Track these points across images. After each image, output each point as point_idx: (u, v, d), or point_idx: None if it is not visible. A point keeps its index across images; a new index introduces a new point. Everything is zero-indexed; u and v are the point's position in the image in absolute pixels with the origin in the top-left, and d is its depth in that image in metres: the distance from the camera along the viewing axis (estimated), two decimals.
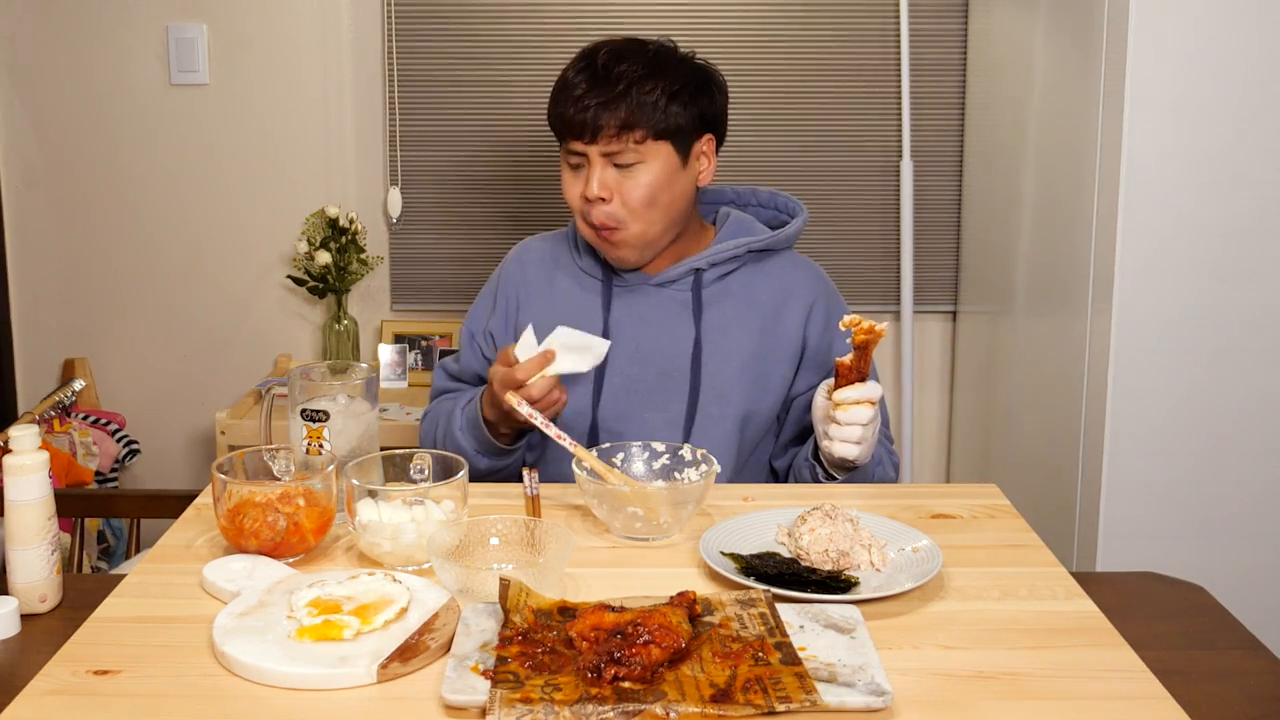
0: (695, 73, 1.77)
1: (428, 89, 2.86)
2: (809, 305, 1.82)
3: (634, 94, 1.70)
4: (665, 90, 1.71)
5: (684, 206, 1.78)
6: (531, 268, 1.88)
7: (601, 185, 1.72)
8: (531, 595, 1.17)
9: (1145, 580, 1.49)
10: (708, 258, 1.80)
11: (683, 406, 1.78)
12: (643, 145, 1.71)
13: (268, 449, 1.45)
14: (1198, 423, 2.09)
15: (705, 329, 1.79)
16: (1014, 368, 2.58)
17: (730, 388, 1.78)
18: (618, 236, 1.75)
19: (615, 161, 1.72)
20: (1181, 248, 2.05)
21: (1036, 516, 1.72)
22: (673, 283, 1.81)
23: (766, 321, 1.80)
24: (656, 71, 1.72)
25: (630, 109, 1.69)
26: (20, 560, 1.32)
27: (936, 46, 2.86)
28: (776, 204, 1.91)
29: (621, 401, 1.78)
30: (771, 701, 1.03)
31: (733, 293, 1.81)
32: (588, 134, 1.71)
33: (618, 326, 1.80)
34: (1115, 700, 1.08)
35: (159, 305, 2.97)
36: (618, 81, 1.70)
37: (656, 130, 1.71)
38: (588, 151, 1.73)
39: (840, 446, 1.57)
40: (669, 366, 1.79)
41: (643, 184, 1.72)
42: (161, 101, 2.88)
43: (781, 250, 1.86)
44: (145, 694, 1.08)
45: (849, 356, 1.54)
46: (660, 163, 1.73)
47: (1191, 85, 2.01)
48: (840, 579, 1.30)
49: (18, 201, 2.92)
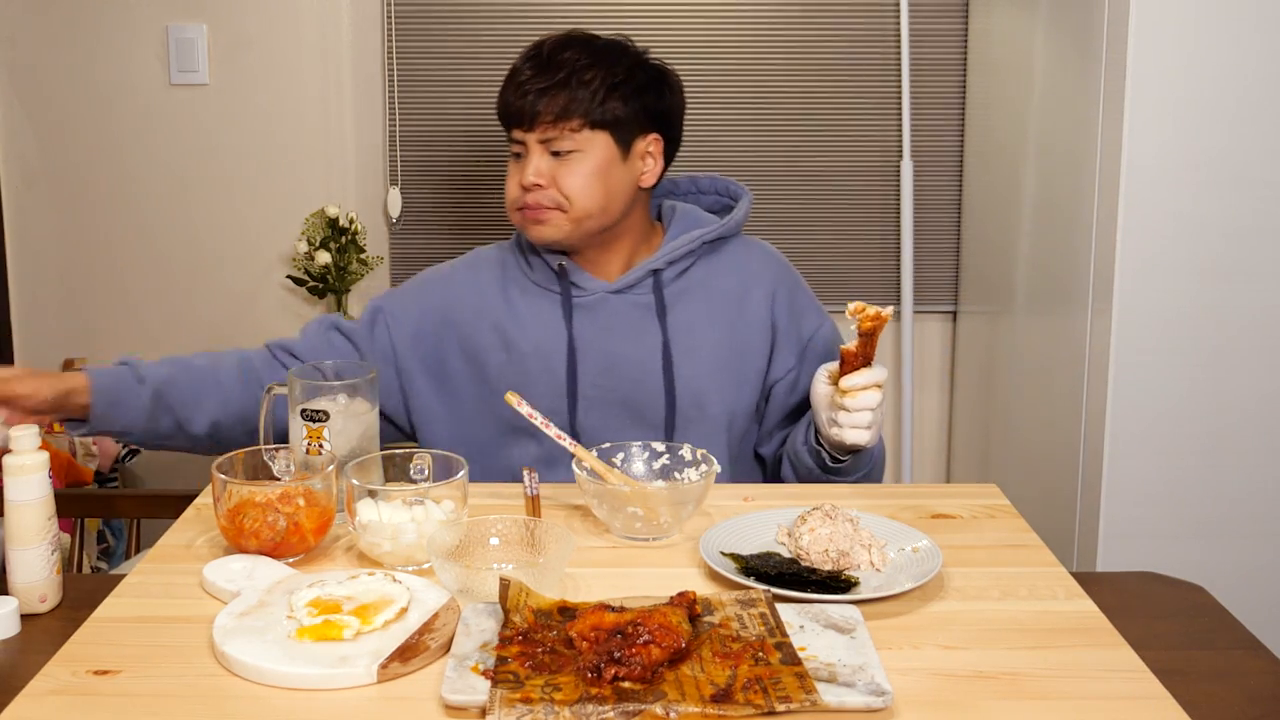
0: (643, 68, 1.75)
1: (428, 89, 2.86)
2: (771, 289, 1.80)
3: (573, 82, 1.69)
4: (605, 81, 1.70)
5: (621, 204, 1.74)
6: (486, 275, 1.83)
7: (537, 172, 1.70)
8: (531, 595, 1.17)
9: (1145, 580, 1.49)
10: (664, 257, 1.77)
11: (661, 412, 1.76)
12: (579, 134, 1.69)
13: (268, 449, 1.45)
14: (1198, 423, 2.09)
15: (672, 330, 1.76)
16: (1014, 368, 2.58)
17: (707, 387, 1.76)
18: (545, 215, 1.72)
19: (552, 149, 1.70)
20: (1181, 248, 2.05)
21: (1036, 516, 1.72)
22: (632, 288, 1.77)
23: (732, 314, 1.78)
24: (600, 62, 1.71)
25: (569, 96, 1.68)
26: (20, 560, 1.32)
27: (936, 46, 2.86)
28: (717, 189, 1.89)
29: (597, 416, 1.75)
30: (771, 701, 1.03)
31: (693, 288, 1.79)
32: (526, 121, 1.70)
33: (583, 340, 1.76)
34: (1115, 700, 1.08)
35: (159, 305, 2.97)
36: (559, 69, 1.69)
37: (594, 120, 1.69)
38: (526, 139, 1.71)
39: (851, 433, 1.56)
40: (640, 374, 1.76)
41: (578, 172, 1.70)
42: (161, 101, 2.87)
43: (733, 237, 1.83)
44: (145, 694, 1.08)
45: (854, 343, 1.53)
46: (598, 153, 1.71)
47: (1191, 85, 2.01)
48: (840, 579, 1.30)
49: (18, 201, 2.92)
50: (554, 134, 1.70)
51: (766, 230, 2.89)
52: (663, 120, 1.77)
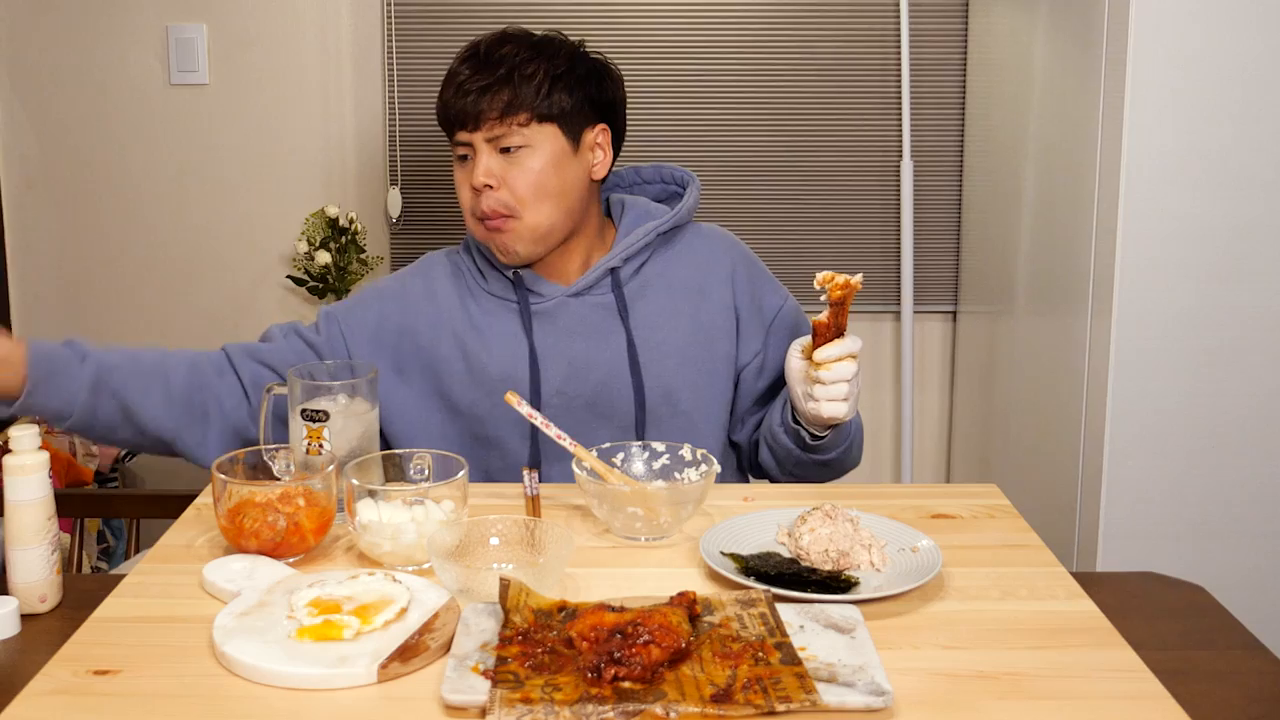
0: (582, 59, 1.73)
1: (428, 89, 2.86)
2: (729, 274, 1.78)
3: (516, 77, 1.66)
4: (548, 73, 1.68)
5: (577, 197, 1.72)
6: (444, 297, 1.78)
7: (487, 172, 1.67)
8: (531, 595, 1.17)
9: (1145, 580, 1.49)
10: (619, 254, 1.75)
11: (630, 411, 1.73)
12: (527, 128, 1.67)
13: (268, 449, 1.45)
14: (1198, 423, 2.09)
15: (635, 327, 1.74)
16: (1014, 368, 2.58)
17: (675, 383, 1.74)
18: (508, 225, 1.69)
19: (501, 146, 1.67)
20: (1181, 248, 2.05)
21: (1036, 516, 1.72)
22: (590, 289, 1.75)
23: (694, 306, 1.76)
24: (539, 55, 1.69)
25: (513, 91, 1.66)
26: (20, 560, 1.32)
27: (936, 46, 2.86)
28: (662, 177, 1.87)
29: (563, 423, 1.67)
30: (771, 701, 1.03)
31: (651, 282, 1.76)
32: (470, 121, 1.67)
33: (544, 347, 1.73)
34: (1115, 700, 1.08)
35: (159, 305, 2.97)
36: (499, 65, 1.67)
37: (540, 113, 1.67)
38: (473, 140, 1.68)
39: (828, 406, 1.52)
40: (606, 376, 1.73)
41: (530, 169, 1.67)
42: (161, 101, 2.87)
43: (685, 225, 1.81)
44: (145, 694, 1.08)
45: (825, 314, 1.49)
46: (548, 147, 1.68)
47: (1191, 85, 2.01)
48: (840, 579, 1.30)
49: (18, 201, 2.92)
50: (501, 130, 1.67)
51: (767, 230, 2.89)
52: (608, 110, 1.75)
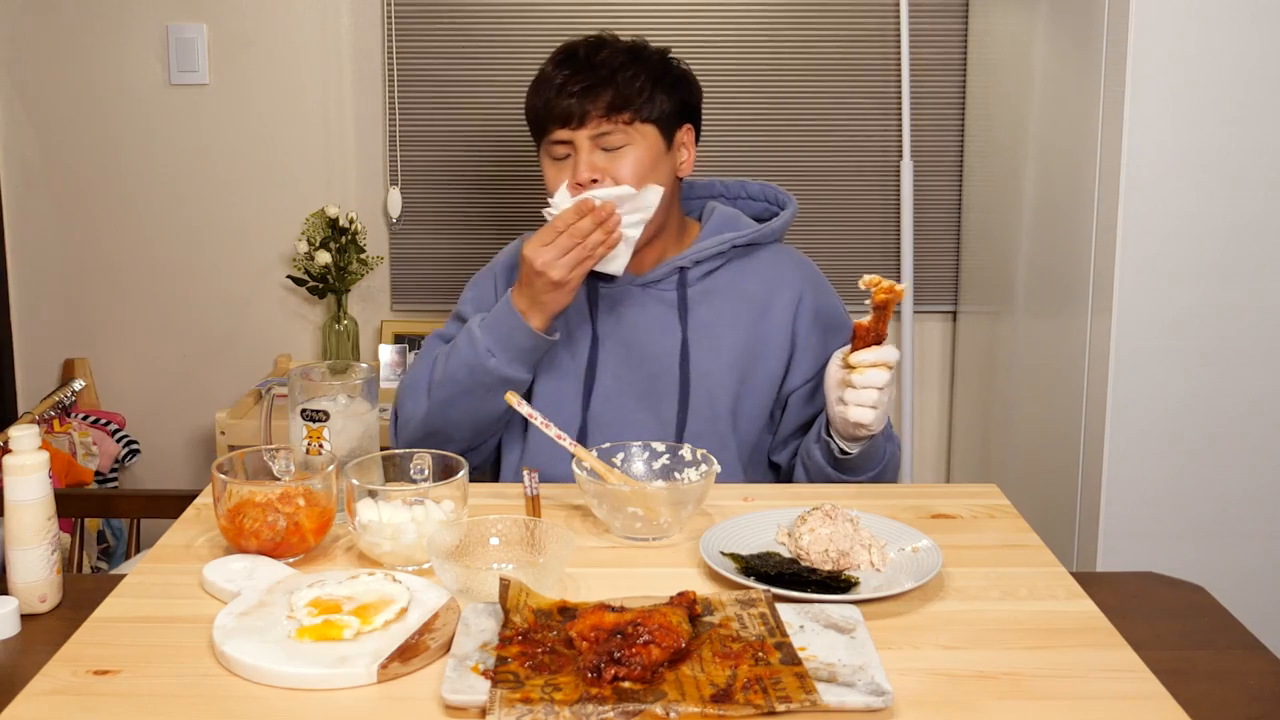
0: (671, 64, 1.80)
1: (428, 89, 2.86)
2: (796, 299, 1.80)
3: (619, 79, 1.72)
4: (649, 76, 1.74)
5: (669, 192, 1.77)
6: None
7: (591, 167, 1.72)
8: (531, 595, 1.17)
9: (1145, 580, 1.49)
10: (691, 256, 1.79)
11: (674, 409, 1.77)
12: (631, 127, 1.72)
13: (268, 449, 1.45)
14: (1198, 423, 2.09)
15: (692, 329, 1.78)
16: (1014, 368, 2.58)
17: (720, 388, 1.77)
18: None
19: (603, 145, 1.72)
20: (1181, 248, 2.05)
21: (1036, 516, 1.72)
22: (657, 283, 1.80)
23: (754, 318, 1.79)
24: (636, 60, 1.75)
25: (617, 92, 1.71)
26: (20, 560, 1.32)
27: (936, 46, 2.86)
28: (766, 196, 1.91)
29: (613, 404, 1.78)
30: (771, 701, 1.03)
31: (718, 290, 1.80)
32: (575, 120, 1.72)
33: (604, 329, 1.79)
34: (1115, 700, 1.08)
35: (159, 305, 2.97)
36: (601, 67, 1.73)
37: (643, 114, 1.73)
38: (574, 138, 1.73)
39: (855, 411, 1.55)
40: (657, 368, 1.78)
41: (631, 164, 1.72)
42: (161, 101, 2.87)
43: (769, 244, 1.85)
44: (145, 694, 1.08)
45: (868, 318, 1.52)
46: (648, 144, 1.74)
47: (1191, 85, 2.01)
48: (840, 579, 1.30)
49: (18, 201, 2.92)
50: (607, 128, 1.72)
51: None
52: (694, 112, 1.83)
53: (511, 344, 1.69)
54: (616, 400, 1.77)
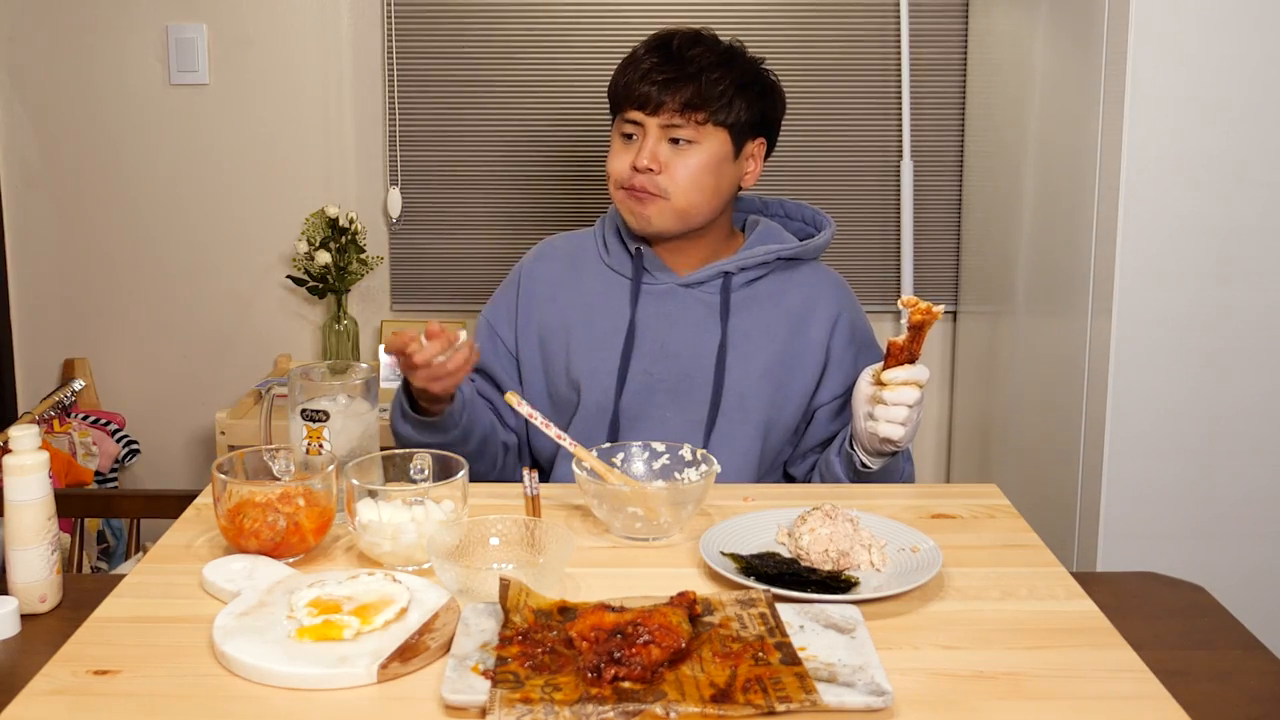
0: (762, 75, 1.82)
1: (428, 89, 2.86)
2: (834, 316, 1.82)
3: (704, 78, 1.74)
4: (734, 82, 1.75)
5: (724, 199, 1.80)
6: (557, 264, 1.89)
7: (653, 156, 1.75)
8: (531, 595, 1.17)
9: (1145, 580, 1.49)
10: (738, 262, 1.81)
11: (704, 410, 1.78)
12: (703, 127, 1.74)
13: (268, 449, 1.45)
14: (1198, 423, 2.09)
15: (731, 333, 1.80)
16: (1014, 368, 2.58)
17: (751, 394, 1.78)
18: (655, 202, 1.76)
19: (671, 136, 1.75)
20: (1181, 248, 2.05)
21: (1036, 516, 1.72)
22: (701, 284, 1.82)
23: (792, 330, 1.81)
24: (727, 63, 1.76)
25: (697, 90, 1.73)
26: (20, 560, 1.32)
27: (936, 46, 2.86)
28: (804, 216, 1.93)
29: (643, 399, 1.79)
30: (771, 701, 1.03)
31: (760, 299, 1.82)
32: (651, 105, 1.74)
33: (644, 324, 1.81)
34: (1115, 700, 1.08)
35: (159, 305, 2.97)
36: (690, 64, 1.74)
37: (718, 117, 1.75)
38: (646, 122, 1.75)
39: (885, 427, 1.56)
40: (692, 368, 1.79)
41: (693, 163, 1.75)
42: (161, 101, 2.88)
43: (809, 260, 1.87)
44: (145, 694, 1.08)
45: (903, 337, 1.54)
46: (715, 148, 1.76)
47: (1191, 85, 2.01)
48: (840, 579, 1.30)
49: (18, 201, 2.92)
50: (680, 122, 1.74)
51: None
52: (772, 127, 1.84)
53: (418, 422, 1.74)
54: (647, 395, 1.79)
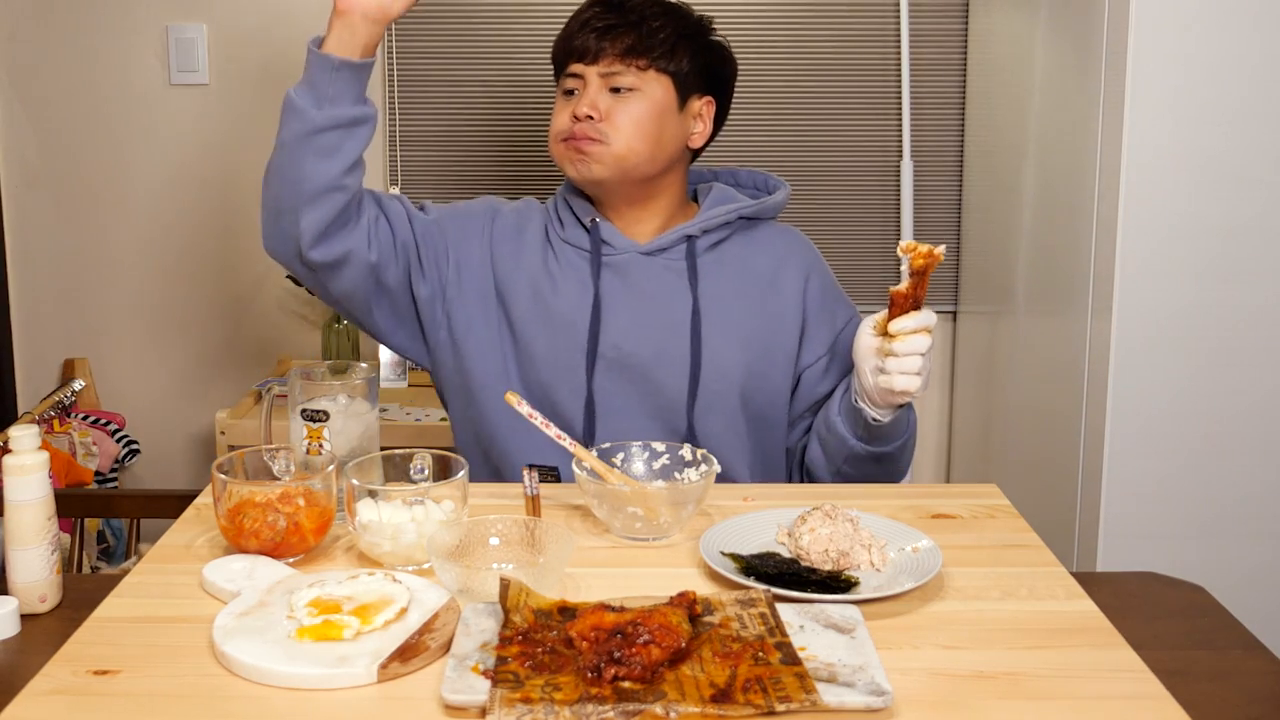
0: (706, 29, 1.77)
1: (428, 89, 2.86)
2: (805, 274, 1.78)
3: (645, 25, 1.70)
4: (677, 29, 1.72)
5: (669, 153, 1.73)
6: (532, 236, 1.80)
7: (592, 104, 1.69)
8: (531, 595, 1.17)
9: (1145, 580, 1.49)
10: (699, 224, 1.75)
11: (684, 384, 1.72)
12: (645, 73, 1.70)
13: (268, 449, 1.45)
14: (1198, 422, 2.09)
15: (703, 297, 1.73)
16: (1014, 368, 2.58)
17: (731, 364, 1.72)
18: (594, 148, 1.69)
19: (612, 85, 1.70)
20: (1181, 247, 2.05)
21: (1036, 516, 1.72)
22: (664, 251, 1.75)
23: (764, 293, 1.76)
24: (671, 14, 1.73)
25: (638, 36, 1.69)
26: (20, 560, 1.32)
27: (936, 46, 2.86)
28: (755, 182, 1.88)
29: (617, 380, 1.71)
30: (771, 701, 1.03)
31: (727, 261, 1.76)
32: (589, 55, 1.70)
33: (609, 299, 1.73)
34: (1115, 700, 1.08)
35: (159, 305, 2.97)
36: (631, 11, 1.71)
37: (660, 64, 1.70)
38: (585, 73, 1.70)
39: (900, 379, 1.51)
40: (666, 340, 1.72)
41: (635, 109, 1.69)
42: (161, 101, 2.88)
43: (768, 220, 1.83)
44: (145, 694, 1.08)
45: (905, 284, 1.49)
46: (658, 95, 1.71)
47: (1191, 85, 2.01)
48: (840, 579, 1.30)
49: (18, 201, 2.92)
50: (619, 68, 1.69)
51: None
52: (720, 86, 1.78)
53: (326, 70, 1.72)
54: (621, 375, 1.72)
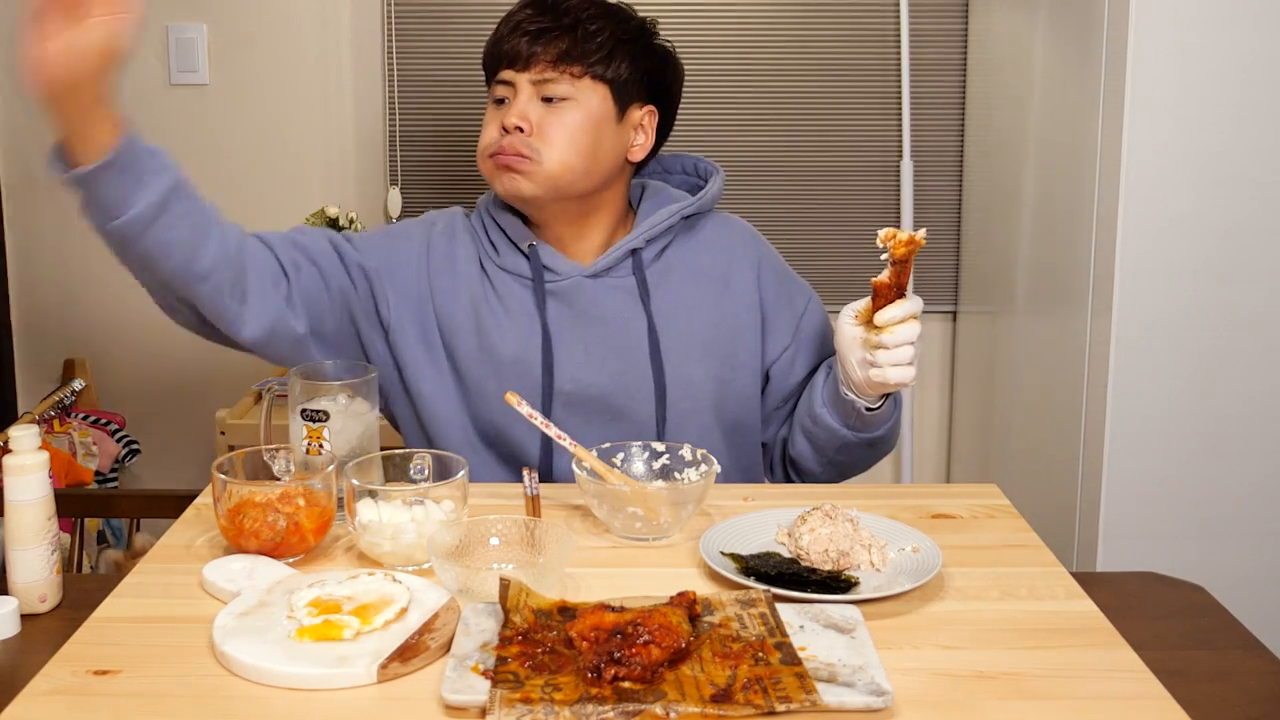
0: (650, 35, 1.66)
1: (428, 89, 2.86)
2: (755, 265, 1.70)
3: (580, 30, 1.58)
4: (614, 34, 1.59)
5: (606, 167, 1.62)
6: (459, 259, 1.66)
7: (522, 115, 1.57)
8: (531, 595, 1.17)
9: (1145, 580, 1.49)
10: (643, 234, 1.65)
11: (650, 408, 1.64)
12: (579, 81, 1.58)
13: (268, 449, 1.45)
14: (1197, 422, 2.09)
15: (657, 314, 1.64)
16: (1014, 368, 2.58)
17: (697, 378, 1.65)
18: (524, 165, 1.58)
19: (545, 94, 1.58)
20: (1181, 247, 2.05)
21: (1036, 516, 1.72)
22: (610, 270, 1.65)
23: (718, 294, 1.68)
24: (609, 16, 1.61)
25: (573, 41, 1.57)
26: (20, 560, 1.32)
27: (936, 46, 2.86)
28: (683, 167, 1.78)
29: (578, 414, 1.62)
30: (771, 701, 1.03)
31: (674, 268, 1.67)
32: (520, 61, 1.58)
33: (558, 331, 1.63)
34: (1115, 700, 1.08)
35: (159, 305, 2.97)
36: (565, 14, 1.58)
37: (596, 70, 1.58)
38: (516, 80, 1.59)
39: (894, 372, 1.46)
40: (625, 366, 1.64)
41: (568, 120, 1.57)
42: (161, 101, 2.87)
43: (707, 213, 1.73)
44: (145, 694, 1.08)
45: (886, 274, 1.46)
46: (594, 106, 1.59)
47: (1191, 85, 2.01)
48: (840, 579, 1.30)
49: (18, 201, 2.92)
50: (552, 76, 1.58)
51: (766, 230, 2.88)
52: (662, 94, 1.68)
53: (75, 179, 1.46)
54: (582, 408, 1.63)
